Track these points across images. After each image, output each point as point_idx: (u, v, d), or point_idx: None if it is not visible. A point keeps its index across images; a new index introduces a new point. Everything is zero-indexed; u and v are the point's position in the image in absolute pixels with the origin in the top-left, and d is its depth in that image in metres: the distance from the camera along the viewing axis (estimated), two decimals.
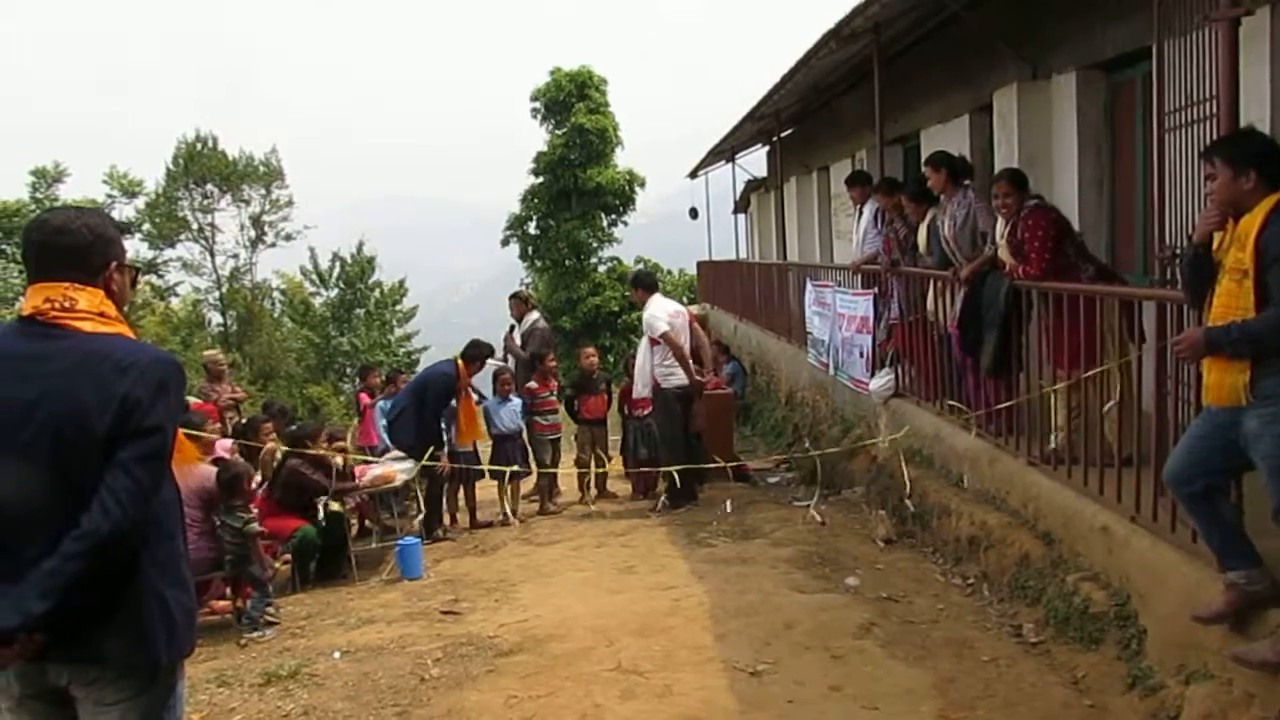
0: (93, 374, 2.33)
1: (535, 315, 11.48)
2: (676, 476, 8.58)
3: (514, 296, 11.86)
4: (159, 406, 2.37)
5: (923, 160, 7.57)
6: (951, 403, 6.87)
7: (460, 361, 9.06)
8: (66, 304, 2.40)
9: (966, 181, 6.95)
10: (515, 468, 9.36)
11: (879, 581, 6.02)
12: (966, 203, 6.76)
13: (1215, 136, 4.22)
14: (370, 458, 9.41)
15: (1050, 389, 5.53)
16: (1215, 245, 3.55)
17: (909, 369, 8.00)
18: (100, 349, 2.37)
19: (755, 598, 5.77)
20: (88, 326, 2.40)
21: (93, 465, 2.30)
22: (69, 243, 2.45)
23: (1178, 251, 4.64)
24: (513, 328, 11.58)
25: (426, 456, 8.45)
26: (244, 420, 9.97)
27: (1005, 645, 4.86)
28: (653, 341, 8.90)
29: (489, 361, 9.54)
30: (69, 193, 28.28)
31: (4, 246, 24.03)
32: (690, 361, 8.90)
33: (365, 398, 10.97)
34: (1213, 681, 3.64)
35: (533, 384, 9.96)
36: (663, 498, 8.97)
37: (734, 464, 9.53)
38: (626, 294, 29.24)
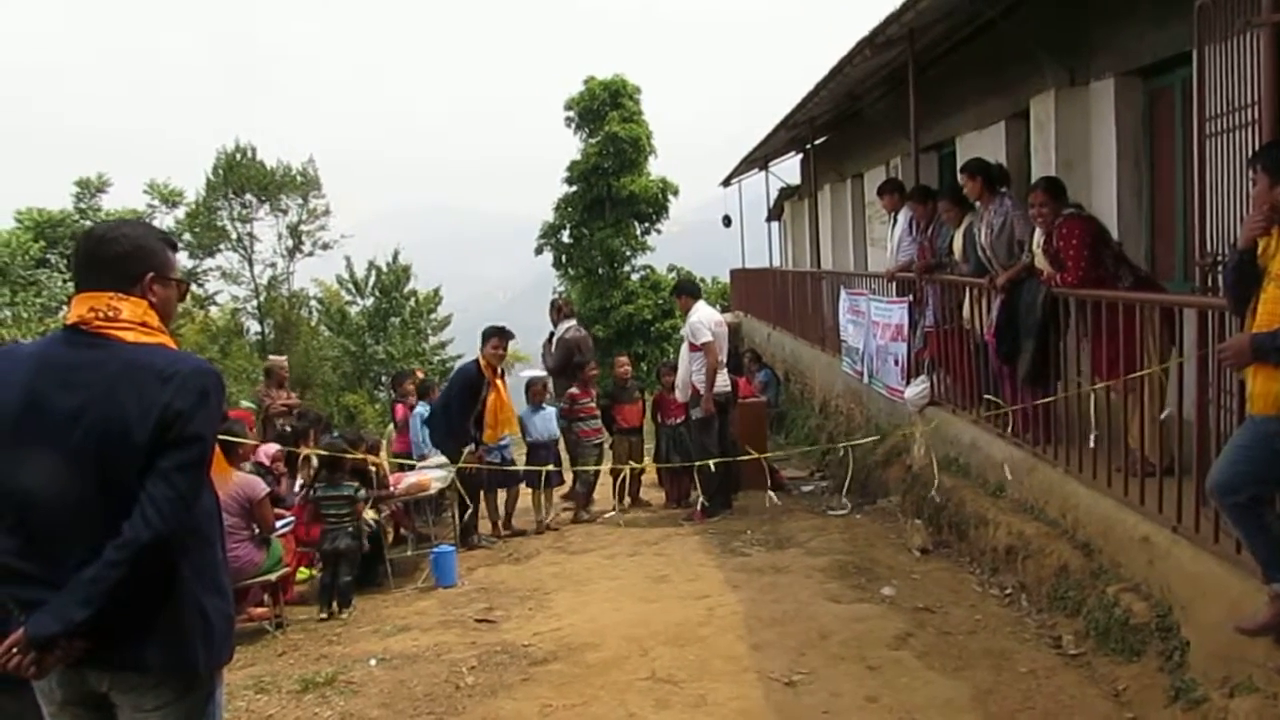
0: (134, 383, 2.36)
1: (567, 324, 11.42)
2: (712, 465, 8.62)
3: (551, 304, 11.89)
4: (199, 416, 2.39)
5: (958, 167, 7.53)
6: (989, 397, 6.79)
7: (480, 357, 8.96)
8: (110, 314, 2.44)
9: (1003, 189, 6.90)
10: (550, 467, 9.35)
11: (915, 591, 5.98)
12: (1004, 210, 6.71)
13: (1256, 143, 4.16)
14: (408, 462, 9.45)
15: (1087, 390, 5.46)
16: (1260, 251, 3.50)
17: (944, 377, 7.95)
18: (142, 359, 2.40)
19: (790, 607, 5.74)
20: (130, 336, 2.43)
21: (134, 473, 2.33)
22: (110, 253, 2.49)
23: (1219, 258, 4.58)
24: (551, 334, 11.61)
25: (461, 459, 8.49)
26: (290, 428, 10.04)
27: (1044, 657, 4.81)
28: (693, 348, 8.94)
29: (527, 373, 9.52)
30: (111, 203, 28.66)
31: (49, 255, 24.40)
32: (717, 376, 8.95)
33: (402, 411, 10.93)
34: (1258, 694, 3.58)
35: (574, 390, 9.96)
36: (700, 502, 8.97)
37: (764, 455, 9.53)
38: (660, 302, 29.30)
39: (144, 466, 2.34)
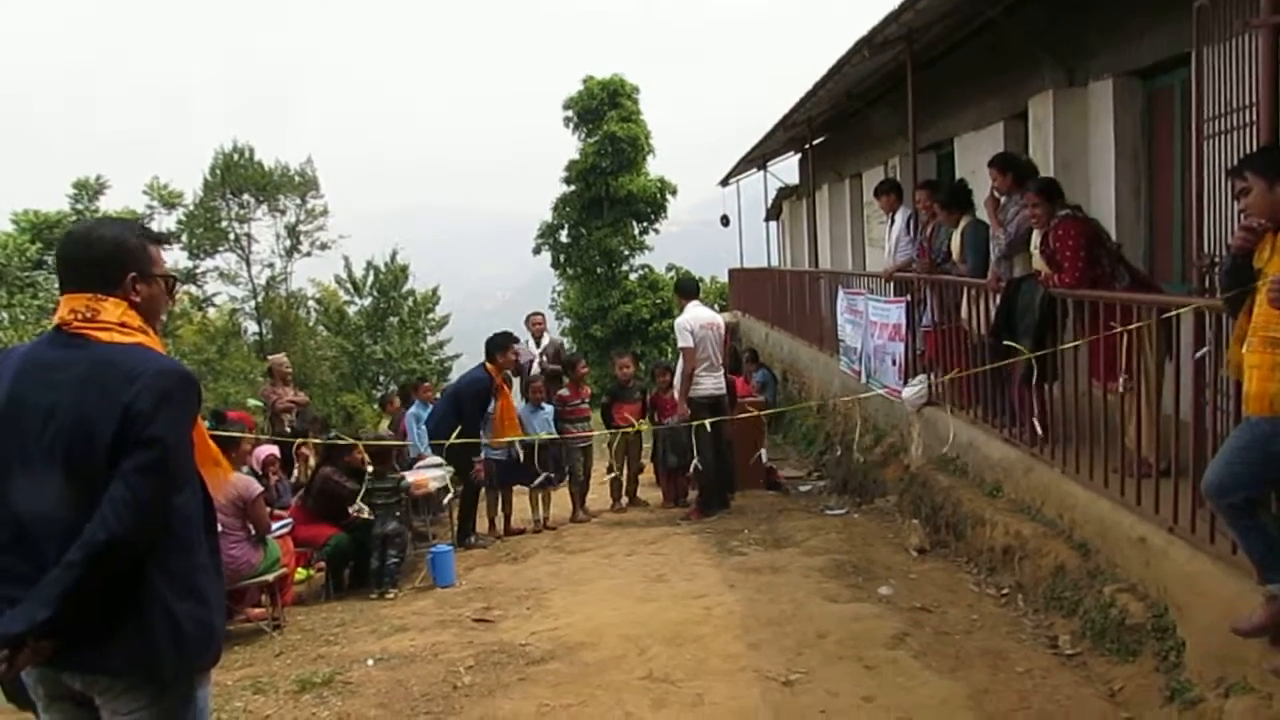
0: (101, 383, 2.36)
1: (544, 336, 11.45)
2: (708, 426, 8.63)
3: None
4: (160, 417, 2.36)
5: (956, 169, 7.53)
6: (1008, 342, 6.58)
7: (488, 364, 9.04)
8: (89, 314, 2.45)
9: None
10: (551, 437, 9.35)
11: (912, 591, 5.98)
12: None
13: (1254, 144, 4.17)
14: (403, 443, 9.45)
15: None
16: (1255, 254, 3.50)
17: (943, 377, 7.94)
18: (112, 358, 2.40)
19: (787, 607, 5.74)
20: (105, 336, 2.43)
21: (101, 474, 2.32)
22: (88, 255, 2.50)
23: (1216, 260, 4.59)
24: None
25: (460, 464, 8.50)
26: (290, 428, 10.06)
27: (1041, 657, 4.81)
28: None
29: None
30: (110, 204, 28.59)
31: (45, 257, 24.37)
32: (690, 384, 8.88)
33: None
34: (1253, 695, 3.59)
35: (564, 391, 9.96)
36: (694, 465, 8.92)
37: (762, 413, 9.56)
38: (658, 301, 29.34)
39: (109, 467, 2.32)
